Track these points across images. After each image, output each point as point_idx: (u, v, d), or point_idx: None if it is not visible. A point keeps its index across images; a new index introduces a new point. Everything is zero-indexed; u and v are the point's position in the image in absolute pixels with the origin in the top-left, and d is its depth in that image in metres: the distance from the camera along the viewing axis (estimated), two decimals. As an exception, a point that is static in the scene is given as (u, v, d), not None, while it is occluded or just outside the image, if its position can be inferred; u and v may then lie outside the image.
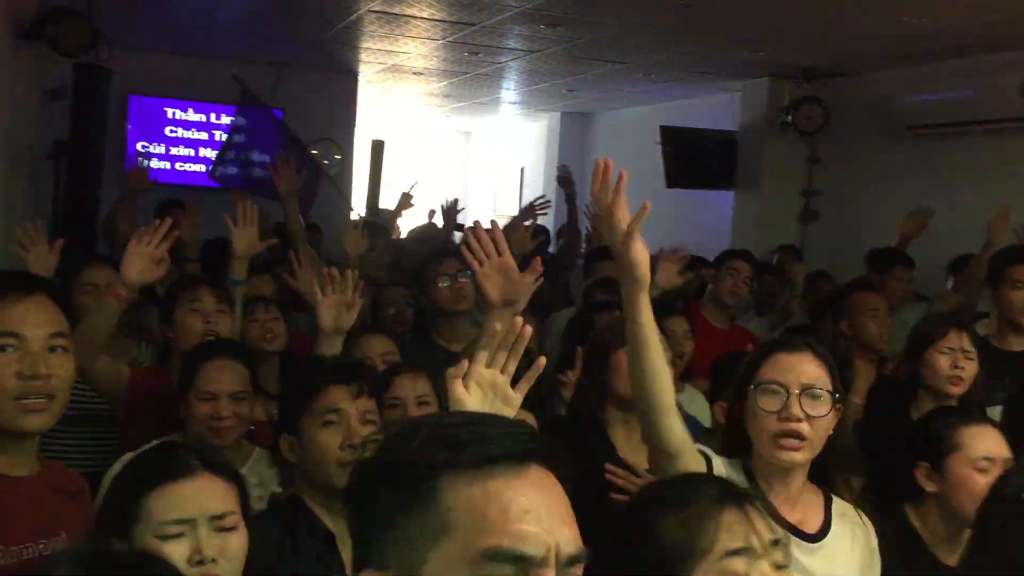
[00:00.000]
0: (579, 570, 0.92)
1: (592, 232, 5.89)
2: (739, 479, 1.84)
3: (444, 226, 6.46)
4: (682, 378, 3.27)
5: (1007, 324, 3.39)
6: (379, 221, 5.58)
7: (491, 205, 11.90)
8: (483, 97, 8.96)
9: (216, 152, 6.30)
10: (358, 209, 6.88)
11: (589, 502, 1.92)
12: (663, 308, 3.80)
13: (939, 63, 5.66)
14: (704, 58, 6.32)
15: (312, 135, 7.37)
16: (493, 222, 2.34)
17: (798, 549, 1.74)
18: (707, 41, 5.77)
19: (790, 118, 6.35)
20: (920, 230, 4.96)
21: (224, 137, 6.51)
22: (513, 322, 1.56)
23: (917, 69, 5.85)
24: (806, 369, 1.83)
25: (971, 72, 5.42)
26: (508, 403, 1.53)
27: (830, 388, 1.83)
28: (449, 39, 6.14)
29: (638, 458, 2.33)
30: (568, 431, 2.57)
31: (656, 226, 8.29)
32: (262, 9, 5.92)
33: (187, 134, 7.29)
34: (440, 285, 3.56)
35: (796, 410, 1.78)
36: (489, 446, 0.92)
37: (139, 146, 7.00)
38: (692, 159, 7.06)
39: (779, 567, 1.30)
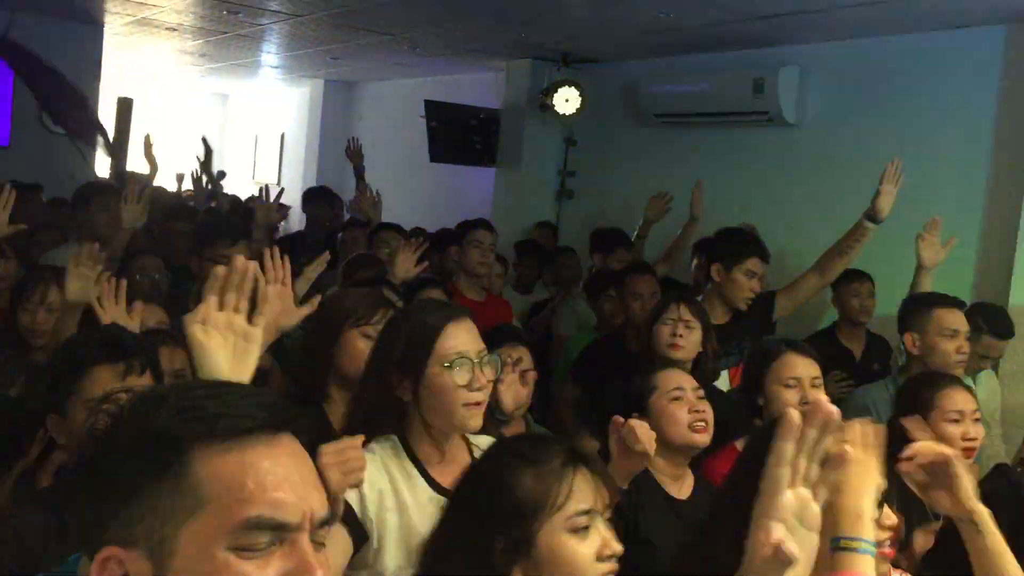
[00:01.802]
0: (327, 531, 0.97)
1: (353, 204, 5.87)
2: (397, 456, 1.89)
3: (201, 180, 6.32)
4: None
5: (721, 301, 3.73)
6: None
7: (250, 171, 11.48)
8: (242, 59, 8.60)
9: None
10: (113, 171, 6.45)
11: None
12: (422, 282, 3.86)
13: (683, 56, 6.09)
14: (469, 36, 6.40)
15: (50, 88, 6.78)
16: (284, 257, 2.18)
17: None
18: (472, 20, 5.85)
19: (550, 100, 6.59)
20: (662, 213, 5.38)
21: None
22: (234, 261, 1.51)
23: (664, 61, 6.26)
24: (475, 337, 1.92)
25: (710, 68, 5.86)
26: (249, 339, 1.50)
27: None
28: (206, -5, 5.86)
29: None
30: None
31: (417, 200, 8.29)
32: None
33: None
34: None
35: (483, 380, 1.88)
36: (242, 418, 0.93)
37: None
38: (455, 135, 7.15)
39: (612, 521, 1.50)
